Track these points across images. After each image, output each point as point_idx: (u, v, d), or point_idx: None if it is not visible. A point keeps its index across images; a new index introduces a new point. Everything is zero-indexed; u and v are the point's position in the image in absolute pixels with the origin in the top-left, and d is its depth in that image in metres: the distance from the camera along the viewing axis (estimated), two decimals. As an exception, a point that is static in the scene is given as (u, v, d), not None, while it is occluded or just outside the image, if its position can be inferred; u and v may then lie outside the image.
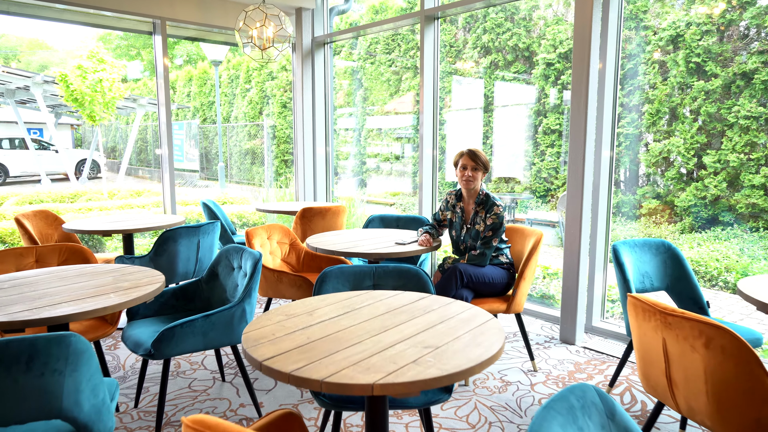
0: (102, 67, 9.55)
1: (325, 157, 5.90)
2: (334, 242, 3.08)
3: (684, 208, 6.42)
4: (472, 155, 2.97)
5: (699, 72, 6.28)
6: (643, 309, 1.95)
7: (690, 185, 6.37)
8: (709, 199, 6.23)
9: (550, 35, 7.74)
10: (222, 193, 10.27)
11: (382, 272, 2.36)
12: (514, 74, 8.23)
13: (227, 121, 15.36)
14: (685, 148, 6.39)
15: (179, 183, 15.91)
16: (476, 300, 2.94)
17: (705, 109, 6.20)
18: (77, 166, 15.89)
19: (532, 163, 8.01)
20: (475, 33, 8.49)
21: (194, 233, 3.50)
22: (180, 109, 17.30)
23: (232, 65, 15.21)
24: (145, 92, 19.91)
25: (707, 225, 6.29)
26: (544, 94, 7.87)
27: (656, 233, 6.54)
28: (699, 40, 6.27)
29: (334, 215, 4.23)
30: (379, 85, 10.07)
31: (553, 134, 7.77)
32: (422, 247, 2.93)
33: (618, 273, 2.69)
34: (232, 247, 2.79)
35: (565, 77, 7.51)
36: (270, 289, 3.19)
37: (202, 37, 6.10)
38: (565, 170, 7.68)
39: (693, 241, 6.12)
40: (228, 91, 15.33)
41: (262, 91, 13.84)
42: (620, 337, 3.60)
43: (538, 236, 3.01)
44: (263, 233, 3.45)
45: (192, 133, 16.36)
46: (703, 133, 6.28)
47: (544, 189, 7.89)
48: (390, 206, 9.62)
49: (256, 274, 2.51)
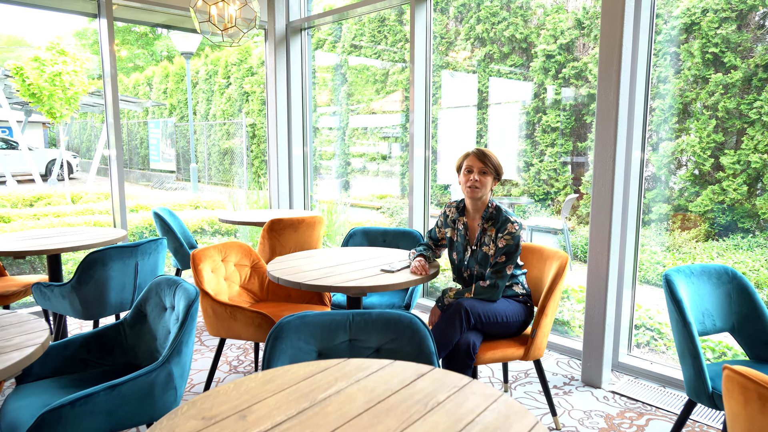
0: (62, 60, 8.75)
1: (303, 159, 5.21)
2: (303, 268, 2.41)
3: (699, 214, 5.83)
4: (480, 155, 2.31)
5: (716, 63, 5.70)
6: (746, 387, 1.30)
7: (706, 188, 5.78)
8: (728, 203, 5.65)
9: (550, 24, 7.12)
10: (195, 196, 9.53)
11: (362, 322, 1.69)
12: (510, 68, 7.60)
13: (205, 118, 14.58)
14: (700, 148, 5.81)
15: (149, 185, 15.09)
16: (486, 344, 2.28)
17: (723, 104, 5.62)
18: (47, 166, 15.02)
19: (530, 164, 7.39)
20: (468, 23, 7.85)
21: (129, 254, 2.80)
22: (156, 106, 16.48)
23: (210, 60, 14.43)
24: (121, 90, 19.04)
25: (725, 232, 5.71)
26: (543, 89, 7.25)
27: (669, 241, 5.96)
28: (717, 28, 5.69)
29: (309, 228, 3.55)
30: (365, 80, 9.40)
31: (554, 132, 7.15)
32: (416, 276, 2.26)
33: (674, 311, 2.05)
34: (163, 280, 2.10)
35: (567, 70, 6.90)
36: (221, 327, 2.51)
37: (168, 24, 5.38)
38: (565, 171, 7.07)
39: (711, 250, 5.53)
40: (206, 88, 14.55)
41: (241, 87, 13.08)
42: (652, 377, 2.96)
43: (563, 260, 2.36)
44: (216, 255, 2.76)
45: (168, 132, 15.55)
46: (720, 131, 5.71)
47: (543, 192, 7.28)
48: (377, 210, 8.95)
49: (190, 321, 1.83)
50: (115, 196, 4.35)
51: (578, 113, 6.94)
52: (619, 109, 2.69)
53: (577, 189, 6.94)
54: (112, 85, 4.20)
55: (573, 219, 6.78)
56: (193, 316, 1.86)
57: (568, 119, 7.03)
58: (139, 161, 16.90)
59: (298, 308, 2.75)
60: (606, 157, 2.76)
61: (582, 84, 6.79)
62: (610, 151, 2.74)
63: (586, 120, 6.85)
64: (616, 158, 2.74)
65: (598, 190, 2.81)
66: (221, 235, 7.08)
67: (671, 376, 2.93)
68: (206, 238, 6.99)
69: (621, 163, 2.78)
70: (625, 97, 2.73)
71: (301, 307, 2.77)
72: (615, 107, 2.69)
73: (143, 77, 17.27)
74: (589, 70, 6.64)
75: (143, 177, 16.38)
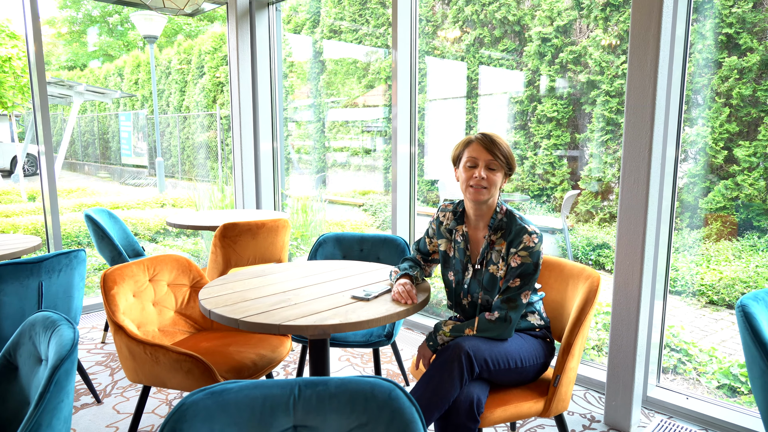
0: (12, 44, 7.98)
1: (272, 154, 4.58)
2: (248, 295, 1.79)
3: (710, 211, 5.31)
4: (486, 143, 1.69)
5: (730, 46, 5.18)
6: None
7: (718, 183, 5.27)
8: (743, 200, 5.14)
9: (546, 5, 6.54)
10: (162, 194, 8.82)
11: (314, 399, 1.09)
12: (502, 53, 7.02)
13: (179, 110, 13.81)
14: (712, 139, 5.29)
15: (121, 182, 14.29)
16: (493, 396, 1.69)
17: (738, 91, 5.10)
18: (12, 161, 14.16)
19: (524, 158, 6.83)
20: (456, 4, 7.24)
21: (29, 272, 2.16)
22: (126, 98, 15.65)
23: (183, 49, 13.64)
24: (91, 80, 18.15)
25: (738, 231, 5.21)
26: (538, 76, 6.69)
27: (676, 241, 5.44)
28: (731, 6, 5.16)
29: (271, 233, 2.94)
30: (345, 70, 8.76)
31: (550, 123, 6.59)
32: (398, 306, 1.66)
33: (752, 346, 1.49)
34: (40, 319, 1.48)
35: (564, 55, 6.34)
36: (141, 372, 1.89)
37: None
38: (562, 165, 6.53)
39: (726, 251, 5.02)
40: (178, 78, 13.76)
41: (215, 77, 12.34)
42: (690, 417, 2.40)
43: (593, 281, 1.78)
44: (140, 273, 2.13)
45: (140, 125, 14.75)
46: (734, 120, 5.19)
47: (538, 188, 6.73)
48: (359, 207, 8.34)
49: (56, 390, 1.22)
50: (45, 196, 3.69)
51: (576, 102, 6.38)
52: (657, 85, 2.11)
53: (576, 184, 6.41)
54: (38, 69, 3.52)
55: (571, 217, 6.25)
56: (65, 379, 1.24)
57: (566, 108, 6.48)
58: (110, 156, 16.07)
59: (248, 342, 2.13)
60: (640, 144, 2.18)
61: (581, 70, 6.23)
62: (646, 137, 2.16)
63: (585, 109, 6.30)
64: (653, 145, 2.16)
65: (629, 186, 2.24)
66: (186, 237, 6.42)
67: (713, 416, 2.37)
68: (169, 240, 6.33)
69: (658, 150, 2.20)
70: (665, 69, 2.15)
71: (253, 340, 2.15)
72: (652, 81, 2.11)
73: (113, 67, 16.39)
74: (589, 54, 6.09)
75: (114, 173, 15.57)
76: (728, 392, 2.90)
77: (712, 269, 4.76)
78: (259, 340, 2.14)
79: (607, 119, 6.06)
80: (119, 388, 2.71)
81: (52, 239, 3.70)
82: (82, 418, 2.41)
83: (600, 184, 6.20)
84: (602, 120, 6.11)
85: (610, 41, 5.96)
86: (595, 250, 5.70)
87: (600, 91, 6.11)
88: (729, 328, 3.89)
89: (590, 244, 5.77)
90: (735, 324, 3.98)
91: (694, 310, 4.34)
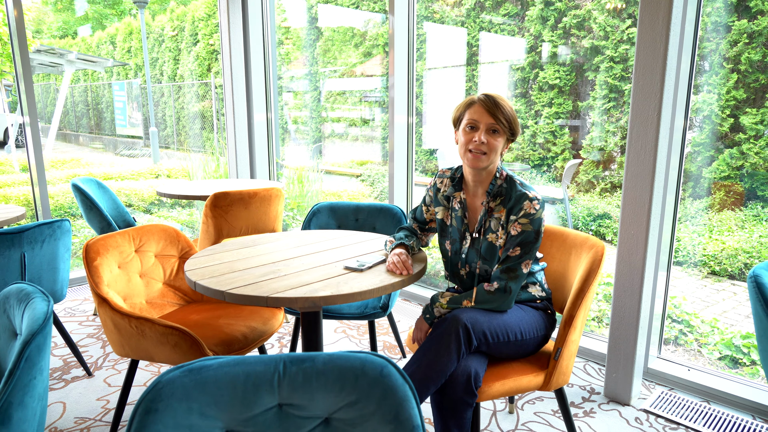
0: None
1: (267, 124, 4.45)
2: (237, 266, 1.72)
3: (715, 180, 5.22)
4: (489, 104, 1.58)
5: (740, 9, 5.00)
6: None
7: (723, 152, 5.15)
8: (747, 169, 5.04)
9: (549, -33, 6.30)
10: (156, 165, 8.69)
11: (299, 375, 1.02)
12: (503, 18, 6.81)
13: (173, 79, 13.54)
14: (718, 106, 5.15)
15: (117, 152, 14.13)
16: (492, 369, 1.63)
17: (746, 56, 4.94)
18: (5, 132, 13.95)
19: (525, 126, 6.69)
20: (457, -33, 6.98)
21: (9, 243, 2.08)
22: (119, 66, 15.34)
23: (176, 15, 13.30)
24: (83, 48, 17.75)
25: (743, 201, 5.12)
26: (540, 41, 6.49)
27: (679, 211, 5.36)
28: (742, -34, 4.95)
29: (263, 203, 2.85)
30: (342, 38, 8.52)
31: (552, 90, 6.43)
32: (393, 278, 1.59)
33: (765, 317, 1.42)
34: (14, 291, 1.40)
35: (568, 19, 6.14)
36: (127, 345, 1.82)
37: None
38: (564, 134, 6.40)
39: (729, 221, 4.94)
40: (172, 46, 13.45)
41: (210, 45, 12.06)
42: (692, 389, 2.36)
43: (597, 251, 1.70)
44: (125, 244, 2.05)
45: (134, 95, 14.49)
46: (741, 86, 5.05)
47: (538, 157, 6.62)
48: (356, 177, 8.23)
49: (27, 367, 1.15)
50: (32, 166, 3.58)
51: (579, 69, 6.20)
52: (669, 43, 1.99)
53: (577, 153, 6.29)
54: (18, 36, 3.36)
55: (572, 187, 6.15)
56: (36, 355, 1.17)
57: (568, 75, 6.32)
58: (105, 126, 15.85)
59: (239, 314, 2.07)
60: (648, 108, 2.07)
61: (584, 35, 6.03)
62: (655, 99, 2.05)
63: (588, 76, 6.13)
64: (662, 108, 2.06)
65: (636, 152, 2.14)
66: (182, 207, 6.33)
67: (715, 388, 2.33)
68: (164, 211, 6.24)
69: (668, 116, 2.10)
70: (677, 27, 2.03)
71: (244, 312, 2.09)
72: (664, 40, 1.99)
73: (106, 35, 16.01)
74: (593, 18, 5.89)
75: (109, 144, 15.37)
76: (730, 363, 2.86)
77: (714, 239, 4.69)
78: (251, 313, 2.07)
79: (610, 86, 5.90)
80: (110, 360, 2.66)
81: (41, 210, 3.61)
82: (72, 392, 2.36)
83: (602, 153, 6.09)
84: (605, 87, 5.96)
85: (616, 4, 5.76)
86: (596, 220, 5.62)
87: (604, 57, 5.94)
88: (731, 299, 3.84)
89: (591, 214, 5.69)
90: (737, 295, 3.93)
91: (695, 281, 4.28)
